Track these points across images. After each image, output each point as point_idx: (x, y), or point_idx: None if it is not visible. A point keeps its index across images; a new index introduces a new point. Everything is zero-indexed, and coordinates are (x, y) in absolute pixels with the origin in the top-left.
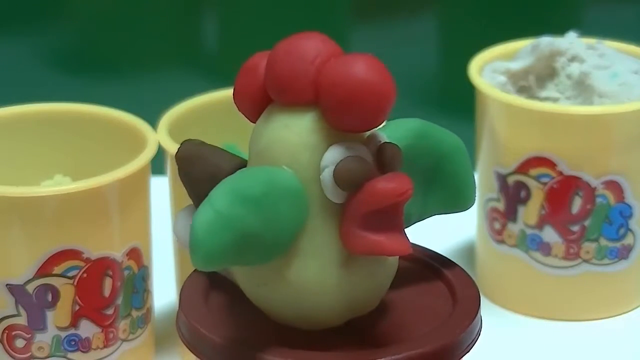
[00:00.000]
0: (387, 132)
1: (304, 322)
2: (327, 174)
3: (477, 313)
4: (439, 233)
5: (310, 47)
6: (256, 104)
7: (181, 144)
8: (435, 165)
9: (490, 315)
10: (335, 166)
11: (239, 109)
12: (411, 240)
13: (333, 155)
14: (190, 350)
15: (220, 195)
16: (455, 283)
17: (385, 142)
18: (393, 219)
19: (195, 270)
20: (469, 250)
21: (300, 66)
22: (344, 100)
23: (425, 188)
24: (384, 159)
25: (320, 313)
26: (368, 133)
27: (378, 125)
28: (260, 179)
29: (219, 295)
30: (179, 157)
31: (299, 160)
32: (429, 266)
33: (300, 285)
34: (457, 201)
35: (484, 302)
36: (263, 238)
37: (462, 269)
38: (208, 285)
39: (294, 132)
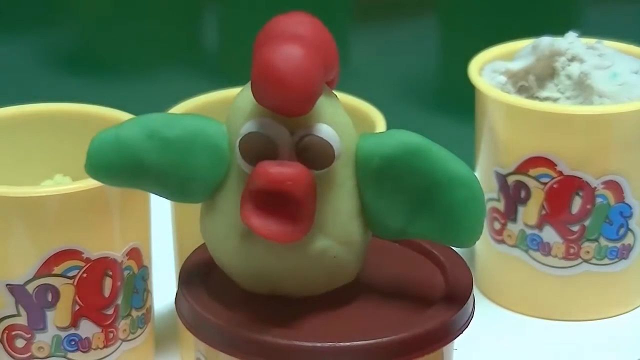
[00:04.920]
0: (384, 136)
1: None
2: (238, 143)
3: (469, 295)
4: None
5: (279, 25)
6: None
7: None
8: (427, 190)
9: (490, 315)
10: (241, 137)
11: None
12: None
13: (247, 126)
14: (190, 331)
15: (131, 123)
16: (447, 265)
17: (312, 134)
18: (286, 205)
19: (194, 251)
20: (469, 250)
21: (263, 40)
22: (255, 79)
23: (413, 208)
24: (297, 148)
25: (230, 272)
26: (308, 122)
27: (291, 114)
28: (184, 125)
29: (219, 275)
30: None
31: (234, 124)
32: (420, 249)
33: (211, 237)
34: (450, 236)
35: (484, 302)
36: (168, 176)
37: (454, 251)
38: (208, 265)
39: (241, 97)
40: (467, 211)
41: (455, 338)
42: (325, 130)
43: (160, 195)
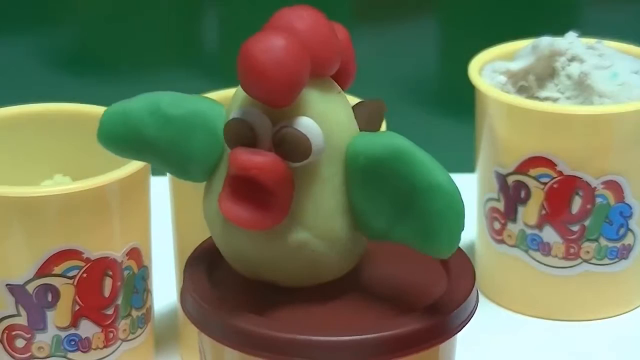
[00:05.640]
0: (375, 136)
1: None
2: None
3: (468, 296)
4: None
5: (280, 17)
6: None
7: None
8: (407, 195)
9: (490, 315)
10: (226, 122)
11: None
12: None
13: (234, 113)
14: (196, 326)
15: (140, 98)
16: (452, 265)
17: (289, 127)
18: (255, 192)
19: (198, 246)
20: (469, 250)
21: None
22: (238, 68)
23: (395, 212)
24: (275, 138)
25: (223, 252)
26: (290, 114)
27: (272, 105)
28: (187, 105)
29: (224, 269)
30: None
31: (229, 110)
32: None
33: (206, 217)
34: (427, 243)
35: (484, 302)
36: (168, 153)
37: (463, 252)
38: (212, 260)
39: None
40: (444, 221)
41: (449, 338)
42: (304, 124)
43: (166, 171)
